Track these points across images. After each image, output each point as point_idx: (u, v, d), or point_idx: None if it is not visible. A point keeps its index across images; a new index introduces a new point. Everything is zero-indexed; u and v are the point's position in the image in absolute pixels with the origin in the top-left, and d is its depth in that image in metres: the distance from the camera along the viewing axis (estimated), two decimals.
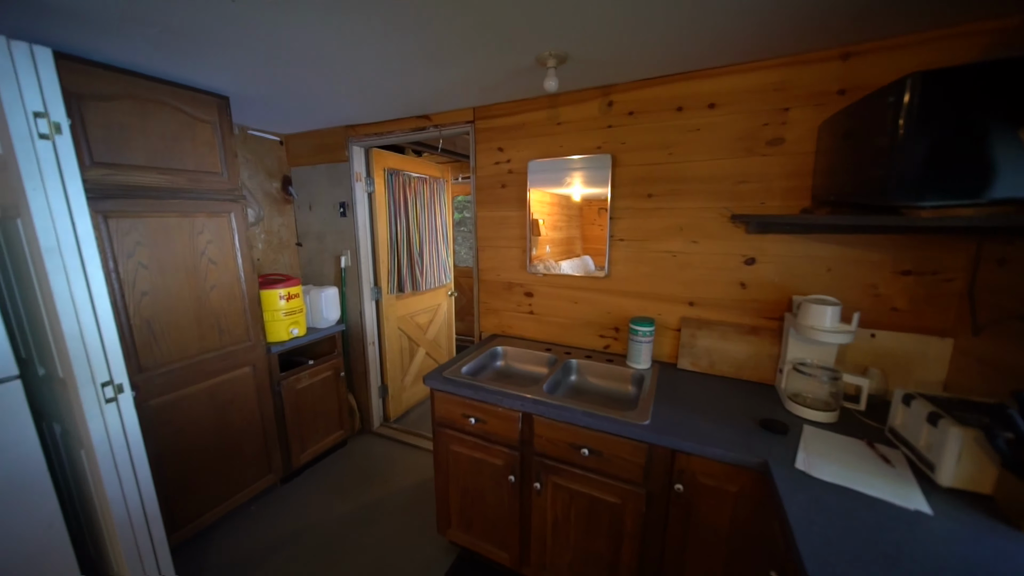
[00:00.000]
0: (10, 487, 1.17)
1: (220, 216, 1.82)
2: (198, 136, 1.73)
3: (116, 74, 1.48)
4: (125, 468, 1.32)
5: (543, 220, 1.99)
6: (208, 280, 1.80)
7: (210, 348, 1.83)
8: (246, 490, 2.07)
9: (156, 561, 1.42)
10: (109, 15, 1.16)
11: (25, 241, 1.16)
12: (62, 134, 1.13)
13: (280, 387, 2.18)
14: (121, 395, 1.29)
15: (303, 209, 2.83)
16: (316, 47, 1.38)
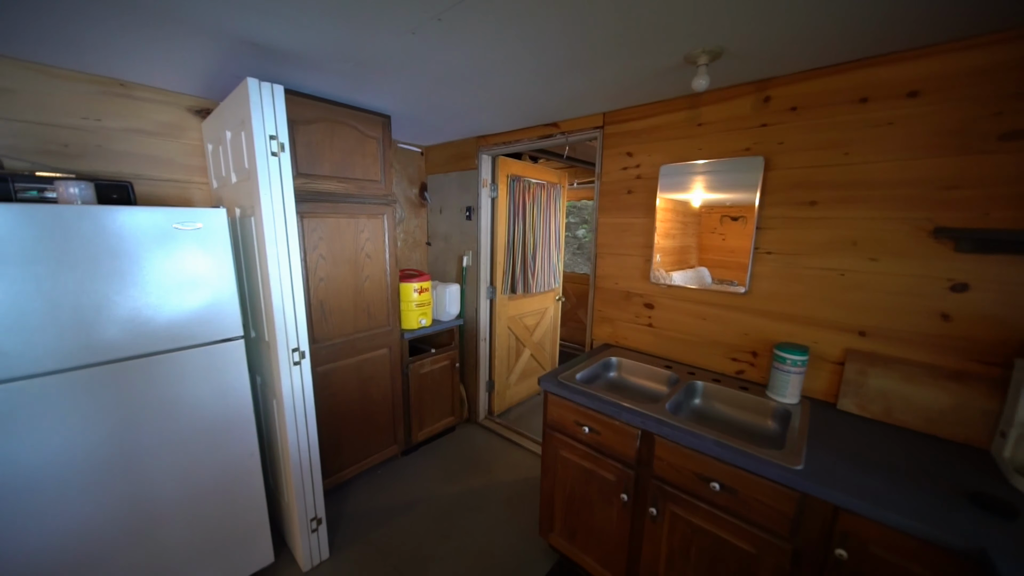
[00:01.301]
0: (229, 420, 1.54)
1: (377, 218, 2.14)
2: (366, 150, 2.05)
3: (315, 102, 1.84)
4: (300, 419, 1.63)
5: (655, 227, 1.87)
6: (364, 271, 2.12)
7: (361, 329, 2.16)
8: (375, 455, 2.38)
9: (313, 497, 1.72)
10: (322, 56, 1.45)
11: (255, 235, 1.53)
12: (284, 152, 1.45)
13: (408, 370, 2.46)
14: (303, 360, 1.60)
15: (434, 212, 3.15)
16: (467, 67, 1.52)
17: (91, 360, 1.25)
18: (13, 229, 1.10)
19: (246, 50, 1.41)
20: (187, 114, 1.94)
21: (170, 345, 1.39)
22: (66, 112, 1.65)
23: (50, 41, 1.38)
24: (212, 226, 1.43)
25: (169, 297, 1.37)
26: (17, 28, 1.29)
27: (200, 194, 2.03)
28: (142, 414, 1.35)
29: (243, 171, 1.55)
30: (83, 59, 1.53)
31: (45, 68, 1.58)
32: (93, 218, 1.21)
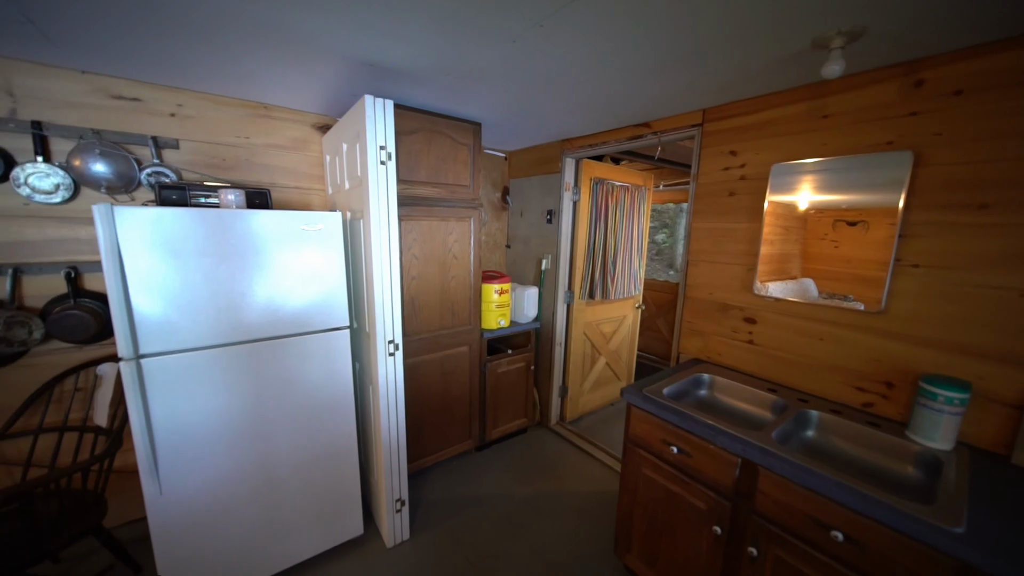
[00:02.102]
0: (335, 401, 1.73)
1: (465, 220, 2.24)
2: (458, 156, 2.16)
3: (416, 113, 1.99)
4: (392, 406, 1.77)
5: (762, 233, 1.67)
6: (451, 272, 2.24)
7: (446, 326, 2.28)
8: (452, 448, 2.49)
9: (399, 480, 1.85)
10: (428, 71, 1.56)
11: (363, 235, 1.69)
12: (391, 160, 1.59)
13: (485, 368, 2.53)
14: (397, 352, 1.73)
15: (515, 215, 3.21)
16: (559, 72, 1.52)
17: (236, 339, 1.49)
18: (189, 228, 1.36)
19: (365, 71, 1.57)
20: (311, 130, 2.23)
21: (294, 330, 1.60)
22: (225, 132, 1.99)
23: (220, 76, 1.68)
24: (330, 228, 1.62)
25: (295, 288, 1.58)
26: (200, 67, 1.59)
27: (318, 199, 2.31)
28: (271, 388, 1.57)
29: (356, 178, 1.73)
30: (240, 88, 1.84)
31: (214, 97, 1.93)
32: (244, 220, 1.45)
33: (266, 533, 1.62)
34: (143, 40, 1.37)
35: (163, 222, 1.31)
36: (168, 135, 1.86)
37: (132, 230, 1.27)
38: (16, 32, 1.33)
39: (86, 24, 1.27)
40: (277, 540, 1.66)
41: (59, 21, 1.25)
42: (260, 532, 1.61)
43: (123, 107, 1.76)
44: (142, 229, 1.28)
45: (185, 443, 1.42)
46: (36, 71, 1.59)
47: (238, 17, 1.20)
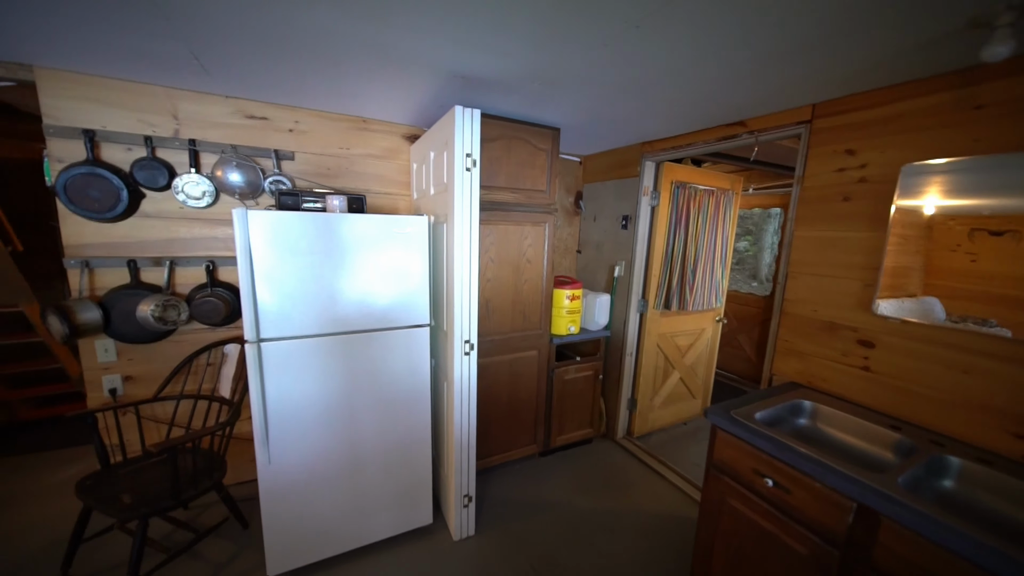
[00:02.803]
0: (414, 394, 1.84)
1: (540, 225, 2.25)
2: (536, 162, 2.18)
3: (498, 121, 2.05)
4: (464, 403, 1.83)
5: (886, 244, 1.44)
6: (524, 275, 2.26)
7: (517, 329, 2.31)
8: (516, 450, 2.51)
9: (467, 476, 1.90)
10: (515, 79, 1.60)
11: (445, 238, 1.78)
12: (476, 167, 1.66)
13: (553, 374, 2.51)
14: (472, 352, 1.79)
15: (588, 220, 3.15)
16: (649, 74, 1.46)
17: (334, 330, 1.65)
18: (302, 230, 1.53)
19: (456, 83, 1.66)
20: (401, 140, 2.41)
21: (380, 325, 1.73)
22: (331, 144, 2.23)
23: (331, 95, 1.89)
24: (417, 231, 1.72)
25: (383, 286, 1.71)
26: (317, 88, 1.80)
27: (403, 203, 2.48)
28: (360, 377, 1.72)
29: (441, 184, 1.82)
30: (345, 104, 2.04)
31: (324, 114, 2.17)
32: (346, 223, 1.60)
33: (352, 507, 1.77)
34: (275, 68, 1.58)
35: (283, 224, 1.50)
36: (286, 148, 2.13)
37: (259, 231, 1.46)
38: (184, 68, 1.62)
39: (236, 58, 1.50)
40: (360, 517, 1.80)
41: (217, 57, 1.50)
42: (347, 507, 1.76)
43: (254, 125, 2.05)
44: (267, 230, 1.48)
45: (290, 420, 1.61)
46: (194, 98, 1.92)
47: (351, 42, 1.33)
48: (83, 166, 1.75)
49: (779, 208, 3.88)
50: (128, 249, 1.91)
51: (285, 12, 1.16)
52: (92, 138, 1.77)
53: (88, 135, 1.76)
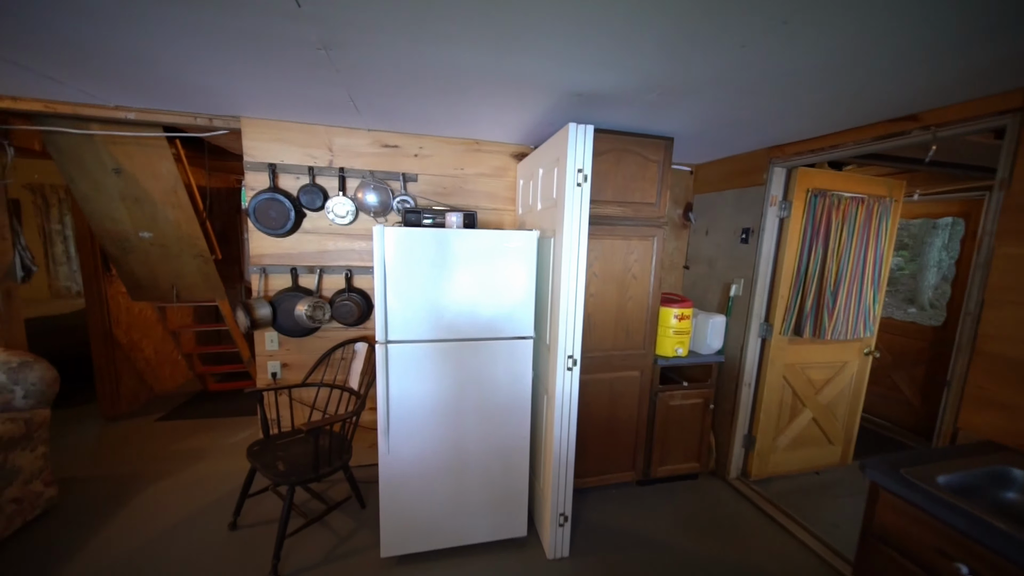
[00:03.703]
0: (515, 404, 1.88)
1: (647, 239, 2.15)
2: (646, 174, 2.10)
3: (607, 135, 2.03)
4: (565, 419, 1.81)
5: None
6: (628, 292, 2.17)
7: (618, 347, 2.22)
8: (613, 474, 2.38)
9: (564, 494, 1.86)
10: (632, 92, 1.57)
11: (552, 253, 1.81)
12: (587, 182, 1.65)
13: (656, 398, 2.34)
14: (575, 368, 1.77)
15: (698, 234, 2.91)
16: (793, 70, 1.30)
17: (446, 336, 1.77)
18: (424, 244, 1.69)
19: (570, 100, 1.69)
20: (509, 158, 2.53)
21: (488, 335, 1.81)
22: (448, 166, 2.44)
23: (453, 121, 2.07)
24: (526, 245, 1.78)
25: (492, 298, 1.79)
26: (442, 117, 1.99)
27: (508, 218, 2.59)
28: (467, 382, 1.81)
29: (550, 200, 1.86)
30: (462, 129, 2.23)
31: (444, 139, 2.40)
32: (462, 238, 1.72)
33: (454, 506, 1.86)
34: (410, 102, 1.80)
35: (409, 239, 1.68)
36: (412, 171, 2.39)
37: (392, 245, 1.66)
38: (341, 109, 1.93)
39: (380, 97, 1.74)
40: (461, 517, 1.88)
41: (366, 98, 1.76)
42: (450, 504, 1.86)
43: (387, 152, 2.35)
44: (397, 244, 1.67)
45: (406, 415, 1.77)
46: (345, 133, 2.28)
47: (476, 72, 1.45)
48: (266, 192, 2.20)
49: (953, 217, 3.11)
50: (291, 259, 2.33)
51: (428, 52, 1.31)
52: (274, 170, 2.21)
53: (271, 168, 2.21)
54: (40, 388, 1.93)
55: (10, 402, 1.87)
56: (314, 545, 1.95)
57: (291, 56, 1.35)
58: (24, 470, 1.91)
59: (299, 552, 1.90)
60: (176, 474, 2.45)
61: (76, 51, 1.39)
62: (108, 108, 2.03)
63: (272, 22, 1.14)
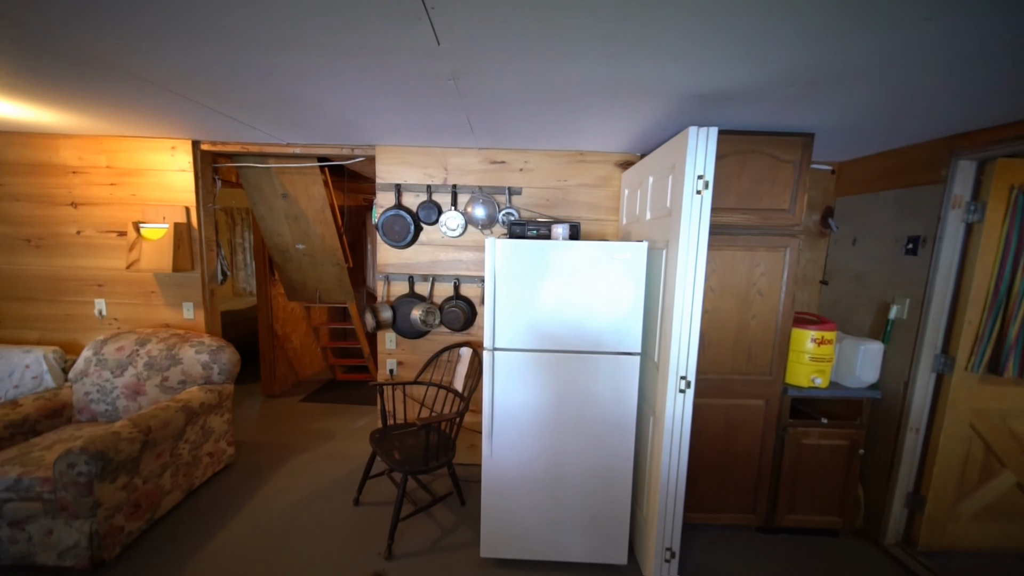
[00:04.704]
0: (617, 422, 1.80)
1: (777, 251, 1.89)
2: (778, 177, 1.85)
3: (730, 136, 1.84)
4: (675, 446, 1.67)
5: None
6: (752, 309, 1.93)
7: (738, 371, 1.98)
8: (726, 514, 2.12)
9: (672, 527, 1.71)
10: (768, 87, 1.41)
11: (664, 265, 1.70)
12: (708, 189, 1.52)
13: (785, 433, 2.03)
14: (688, 390, 1.63)
15: (842, 243, 2.47)
16: (987, 44, 1.02)
17: (549, 347, 1.78)
18: (530, 255, 1.73)
19: (689, 103, 1.59)
20: (614, 168, 2.47)
21: (591, 348, 1.77)
22: (551, 178, 2.48)
23: (559, 135, 2.10)
24: (635, 257, 1.70)
25: (596, 311, 1.75)
26: (548, 131, 2.04)
27: (610, 229, 2.52)
28: (567, 395, 1.79)
29: (662, 209, 1.76)
30: (568, 141, 2.24)
31: (549, 152, 2.45)
32: (568, 249, 1.72)
33: (551, 518, 1.85)
34: (520, 120, 1.87)
35: (519, 250, 1.73)
36: (517, 185, 2.49)
37: (501, 256, 1.73)
38: (459, 131, 2.10)
39: (494, 117, 1.85)
40: (557, 531, 1.85)
41: (481, 119, 1.89)
42: (547, 516, 1.85)
43: (495, 168, 2.49)
44: (507, 255, 1.73)
45: (508, 422, 1.81)
46: (458, 153, 2.47)
47: (590, 86, 1.44)
48: (392, 209, 2.49)
49: None
50: (409, 268, 2.60)
51: (548, 71, 1.35)
52: (399, 189, 2.50)
53: (397, 187, 2.50)
54: (229, 368, 2.45)
55: (209, 377, 2.41)
56: (421, 532, 2.10)
57: (424, 89, 1.52)
58: (216, 431, 2.44)
59: (409, 537, 2.07)
60: (313, 449, 2.88)
61: (267, 103, 1.75)
62: (281, 145, 2.52)
63: (414, 61, 1.29)
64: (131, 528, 1.91)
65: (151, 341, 2.38)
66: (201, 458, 2.34)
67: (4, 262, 2.55)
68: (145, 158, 2.47)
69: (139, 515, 1.95)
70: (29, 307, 2.59)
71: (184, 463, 2.21)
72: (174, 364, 2.33)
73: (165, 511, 2.11)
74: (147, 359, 2.32)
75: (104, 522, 1.77)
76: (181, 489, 2.21)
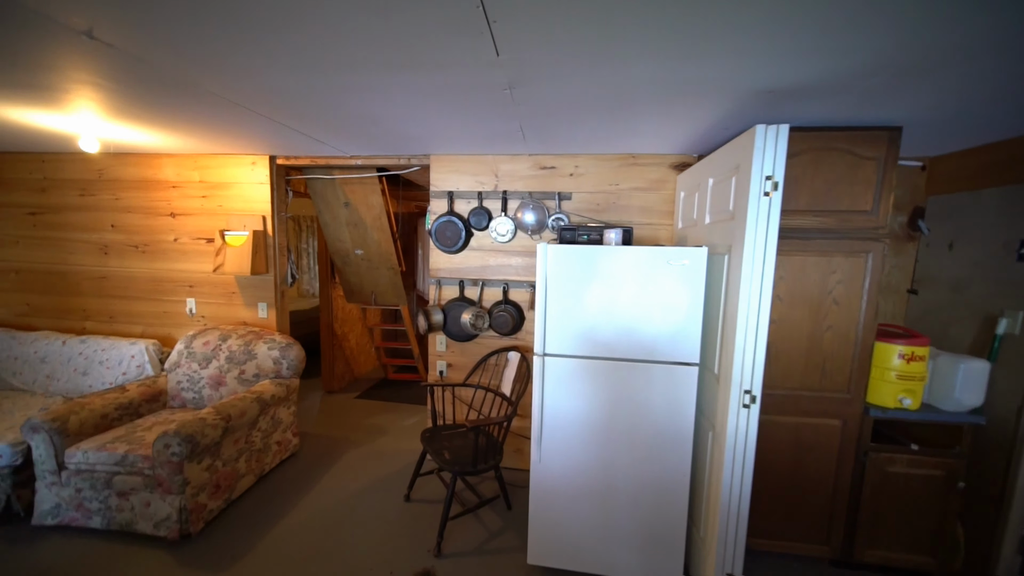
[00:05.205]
0: (672, 436, 1.72)
1: (856, 256, 1.73)
2: (858, 175, 1.70)
3: (801, 133, 1.72)
4: (738, 465, 1.56)
5: None
6: (826, 320, 1.77)
7: (808, 387, 1.82)
8: (794, 543, 1.94)
9: (733, 552, 1.60)
10: (850, 80, 1.30)
11: (725, 272, 1.61)
12: (776, 191, 1.43)
13: (866, 458, 1.83)
14: (753, 405, 1.52)
15: (934, 248, 2.20)
16: None
17: (600, 354, 1.74)
18: (584, 261, 1.71)
19: (753, 100, 1.50)
20: (668, 170, 2.38)
21: (645, 356, 1.71)
22: (602, 182, 2.45)
23: (613, 138, 2.07)
24: (694, 263, 1.63)
25: (650, 318, 1.69)
26: (601, 135, 2.01)
27: (664, 234, 2.43)
28: (619, 404, 1.74)
29: (724, 212, 1.67)
30: (620, 144, 2.20)
31: (600, 156, 2.42)
32: (622, 254, 1.69)
33: (601, 532, 1.80)
34: (573, 125, 1.87)
35: (569, 256, 1.72)
36: (566, 190, 2.48)
37: (553, 261, 1.73)
38: (511, 138, 2.14)
39: (546, 123, 1.86)
40: (608, 545, 1.80)
41: (533, 126, 1.91)
42: (597, 528, 1.80)
43: (545, 174, 2.50)
44: (559, 260, 1.73)
45: (557, 429, 1.80)
46: (509, 160, 2.51)
47: (650, 88, 1.41)
48: (445, 216, 2.58)
49: None
50: (459, 273, 2.67)
51: (604, 75, 1.34)
52: (451, 196, 2.58)
53: (450, 195, 2.58)
54: (296, 364, 2.65)
55: (279, 371, 2.61)
56: (468, 533, 2.13)
57: (482, 99, 1.57)
58: (283, 422, 2.64)
59: (456, 536, 2.10)
60: (367, 444, 3.03)
61: (336, 119, 1.89)
62: (346, 158, 2.70)
63: (474, 72, 1.33)
64: (212, 506, 2.11)
65: (231, 337, 2.63)
66: (271, 446, 2.54)
67: (118, 265, 2.95)
68: (230, 172, 2.76)
69: (219, 495, 2.15)
70: (135, 305, 2.96)
71: (256, 450, 2.41)
72: (250, 359, 2.55)
73: (240, 493, 2.31)
74: (228, 353, 2.56)
75: (191, 499, 1.97)
76: (253, 473, 2.41)
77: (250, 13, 1.03)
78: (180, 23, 1.09)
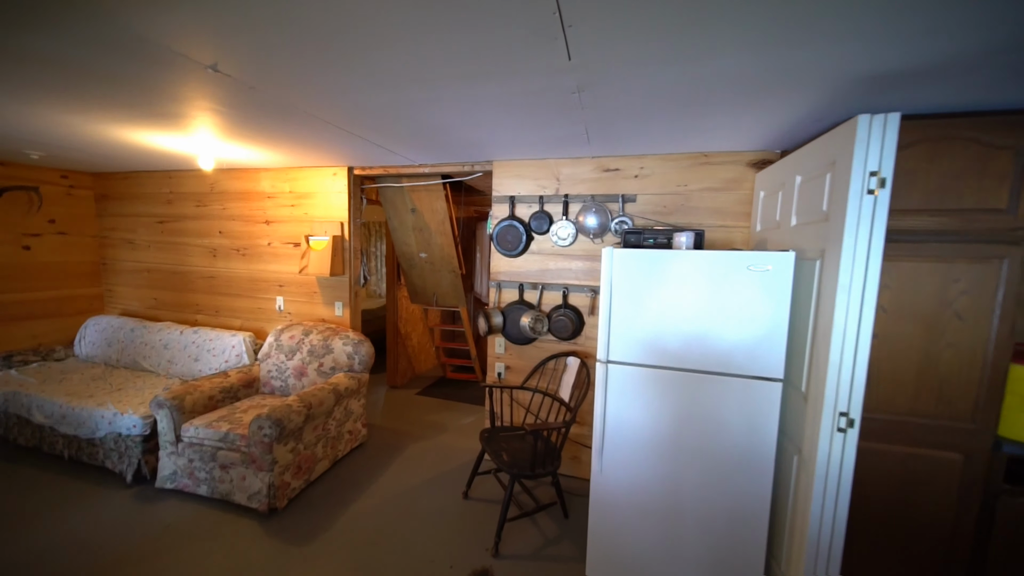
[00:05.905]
0: (750, 458, 1.58)
1: (987, 262, 1.47)
2: (987, 168, 1.45)
3: (914, 122, 1.50)
4: (831, 496, 1.39)
5: None
6: (945, 336, 1.53)
7: (920, 412, 1.58)
8: None
9: None
10: (973, 60, 1.12)
11: (817, 279, 1.46)
12: (884, 188, 1.26)
13: (996, 502, 1.54)
14: (850, 430, 1.35)
15: None
16: None
17: (668, 364, 1.66)
18: (652, 266, 1.64)
19: (852, 87, 1.35)
20: (746, 168, 2.21)
21: (719, 369, 1.60)
22: (669, 183, 2.34)
23: (680, 136, 1.97)
24: (779, 268, 1.49)
25: (726, 328, 1.57)
26: (669, 133, 1.93)
27: (739, 236, 2.26)
28: (689, 418, 1.64)
29: (816, 213, 1.51)
30: (690, 143, 2.09)
31: (667, 156, 2.31)
32: (694, 259, 1.59)
33: (667, 553, 1.71)
34: (642, 123, 1.81)
35: (637, 260, 1.66)
36: (631, 192, 2.40)
37: (619, 266, 1.69)
38: (575, 142, 2.12)
39: (613, 124, 1.82)
40: (673, 568, 1.70)
41: (598, 129, 1.87)
42: (661, 549, 1.71)
43: (608, 176, 2.44)
44: (624, 265, 1.68)
45: (620, 439, 1.73)
46: (571, 163, 2.50)
47: (727, 81, 1.32)
48: (506, 220, 2.62)
49: None
50: (519, 276, 2.69)
51: (674, 72, 1.28)
52: (513, 201, 2.62)
53: (511, 199, 2.62)
54: (366, 359, 2.84)
55: (351, 366, 2.82)
56: (525, 537, 2.13)
57: (550, 103, 1.57)
58: (354, 412, 2.84)
59: (513, 539, 2.11)
60: (428, 439, 3.16)
61: (408, 131, 2.01)
62: (414, 166, 2.86)
63: (546, 78, 1.34)
64: (295, 485, 2.32)
65: (312, 332, 2.89)
66: (343, 434, 2.75)
67: (223, 267, 3.38)
68: (314, 183, 3.05)
69: (300, 475, 2.36)
70: (236, 301, 3.37)
71: (331, 437, 2.62)
72: (327, 353, 2.79)
73: (317, 475, 2.52)
74: (309, 347, 2.82)
75: (278, 477, 2.19)
76: (328, 459, 2.62)
77: (344, 35, 1.13)
78: (283, 50, 1.22)
